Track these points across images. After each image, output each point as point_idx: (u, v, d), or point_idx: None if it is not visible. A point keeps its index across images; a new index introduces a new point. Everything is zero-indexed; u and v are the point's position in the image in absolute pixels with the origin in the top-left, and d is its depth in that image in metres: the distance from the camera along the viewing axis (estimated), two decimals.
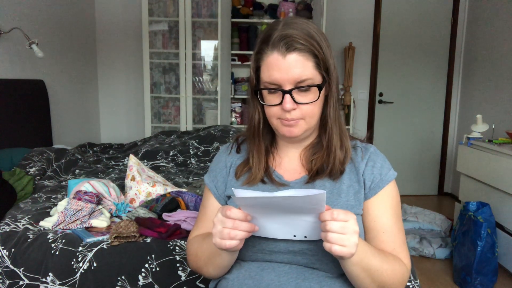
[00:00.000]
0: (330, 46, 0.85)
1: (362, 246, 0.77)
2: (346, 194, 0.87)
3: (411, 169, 4.36)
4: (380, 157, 0.91)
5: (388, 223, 0.86)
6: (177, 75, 3.81)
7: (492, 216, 2.38)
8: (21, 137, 2.75)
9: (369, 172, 0.88)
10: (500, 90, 3.42)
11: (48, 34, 3.25)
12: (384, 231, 0.86)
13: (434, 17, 4.13)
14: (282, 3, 3.93)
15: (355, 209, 0.86)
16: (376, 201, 0.87)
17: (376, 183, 0.87)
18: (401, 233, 0.88)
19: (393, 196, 0.88)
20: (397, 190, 0.90)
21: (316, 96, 0.83)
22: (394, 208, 0.88)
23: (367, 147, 0.92)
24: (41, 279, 1.39)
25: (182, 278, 1.39)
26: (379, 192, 0.87)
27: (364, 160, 0.89)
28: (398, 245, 0.86)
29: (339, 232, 0.69)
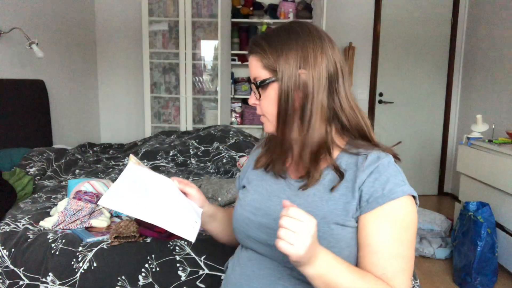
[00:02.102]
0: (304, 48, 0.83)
1: (327, 260, 0.73)
2: (336, 202, 0.82)
3: (411, 169, 4.36)
4: (391, 170, 0.81)
5: (384, 245, 0.77)
6: (177, 75, 3.81)
7: (492, 216, 2.38)
8: (21, 137, 2.75)
9: (370, 184, 0.80)
10: (500, 90, 3.42)
11: (48, 34, 3.25)
12: (376, 252, 0.77)
13: (434, 17, 4.13)
14: (282, 3, 3.93)
15: (340, 219, 0.80)
16: (373, 217, 0.79)
17: (375, 198, 0.78)
18: (402, 260, 0.77)
19: (398, 217, 0.78)
20: (410, 211, 0.79)
21: (265, 93, 0.86)
22: (398, 231, 0.78)
23: (378, 157, 0.82)
24: (41, 279, 1.39)
25: (182, 278, 1.39)
26: (378, 208, 0.78)
27: (366, 171, 0.81)
28: (391, 271, 0.76)
29: (290, 229, 0.68)
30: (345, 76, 0.86)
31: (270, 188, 0.93)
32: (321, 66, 0.83)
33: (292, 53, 0.83)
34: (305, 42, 0.84)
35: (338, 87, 0.84)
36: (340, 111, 0.85)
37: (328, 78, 0.84)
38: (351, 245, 0.80)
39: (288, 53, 0.83)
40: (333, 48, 0.86)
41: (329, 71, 0.84)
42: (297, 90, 0.83)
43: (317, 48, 0.83)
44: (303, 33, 0.85)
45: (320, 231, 0.77)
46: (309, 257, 0.70)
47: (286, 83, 0.83)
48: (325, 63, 0.83)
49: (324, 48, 0.84)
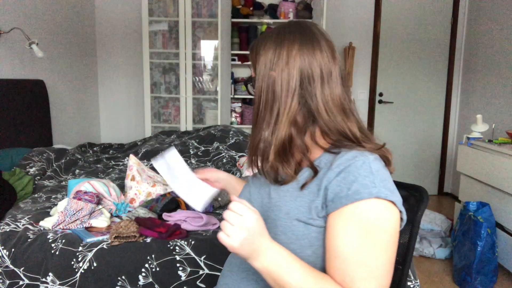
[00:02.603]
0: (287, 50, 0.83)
1: (275, 257, 0.73)
2: (303, 199, 0.80)
3: (411, 169, 4.36)
4: (362, 171, 0.75)
5: (346, 249, 0.73)
6: (177, 75, 3.81)
7: (492, 216, 2.38)
8: (21, 137, 2.75)
9: (336, 184, 0.75)
10: (500, 90, 3.42)
11: (48, 34, 3.25)
12: (337, 256, 0.73)
13: (434, 17, 4.13)
14: (282, 3, 3.93)
15: (303, 216, 0.79)
16: (337, 218, 0.75)
17: (339, 198, 0.74)
18: (365, 268, 0.72)
19: (363, 220, 0.72)
20: (379, 216, 0.73)
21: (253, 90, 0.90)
22: (362, 235, 0.72)
23: (354, 157, 0.77)
24: (41, 279, 1.39)
25: (182, 278, 1.39)
26: (342, 208, 0.74)
27: (335, 169, 0.77)
28: (351, 279, 0.72)
29: (229, 221, 0.72)
30: (326, 79, 0.83)
31: (259, 183, 0.95)
32: (293, 69, 0.82)
33: (269, 53, 0.84)
34: (283, 43, 0.83)
35: (313, 90, 0.82)
36: (316, 114, 0.82)
37: (301, 81, 0.82)
38: (315, 245, 0.78)
39: (265, 55, 0.85)
40: (321, 51, 0.83)
41: (302, 74, 0.82)
42: (267, 90, 0.84)
43: (293, 49, 0.82)
44: (286, 34, 0.85)
45: (282, 226, 0.79)
46: (249, 250, 0.72)
47: (260, 84, 0.85)
48: (298, 66, 0.82)
49: (303, 50, 0.82)
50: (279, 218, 0.81)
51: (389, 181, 0.76)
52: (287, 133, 0.82)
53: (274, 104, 0.83)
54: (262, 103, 0.85)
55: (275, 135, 0.83)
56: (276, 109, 0.83)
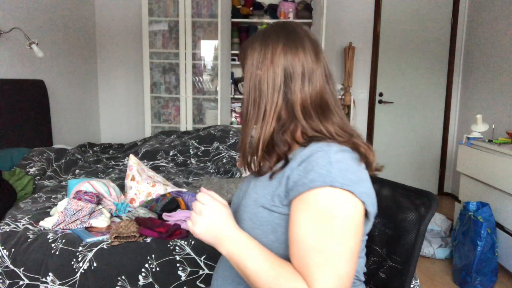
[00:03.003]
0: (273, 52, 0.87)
1: (237, 243, 0.78)
2: (270, 187, 0.84)
3: (411, 169, 4.36)
4: (321, 160, 0.77)
5: (302, 236, 0.75)
6: (177, 75, 3.81)
7: (492, 216, 2.38)
8: (21, 137, 2.75)
9: (297, 173, 0.78)
10: (500, 90, 3.42)
11: (48, 34, 3.25)
12: (295, 242, 0.76)
13: (434, 17, 4.13)
14: (282, 3, 3.93)
15: (267, 202, 0.83)
16: (295, 206, 0.77)
17: (297, 186, 0.77)
18: (320, 255, 0.73)
19: (319, 208, 0.74)
20: (334, 204, 0.74)
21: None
22: (318, 223, 0.74)
23: (320, 148, 0.80)
24: (41, 279, 1.39)
25: (182, 278, 1.39)
26: (299, 196, 0.76)
27: (298, 159, 0.80)
28: (308, 265, 0.73)
29: (195, 211, 0.81)
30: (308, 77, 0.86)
31: (248, 179, 1.00)
32: (277, 67, 0.86)
33: (255, 53, 0.89)
34: (269, 44, 0.88)
35: (294, 89, 0.85)
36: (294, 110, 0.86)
37: (285, 79, 0.86)
38: (278, 231, 0.82)
39: (252, 54, 0.89)
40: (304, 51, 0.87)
41: (286, 72, 0.86)
42: (255, 89, 0.88)
43: (277, 49, 0.86)
44: (271, 34, 0.89)
45: (249, 212, 0.85)
46: (212, 237, 0.79)
47: (248, 82, 0.89)
48: (282, 65, 0.86)
49: (287, 50, 0.86)
50: (248, 205, 0.87)
51: (352, 172, 0.77)
52: (274, 128, 0.87)
53: (261, 101, 0.87)
54: (250, 101, 0.89)
55: (263, 130, 0.87)
56: (263, 106, 0.87)
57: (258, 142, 0.87)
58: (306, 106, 0.86)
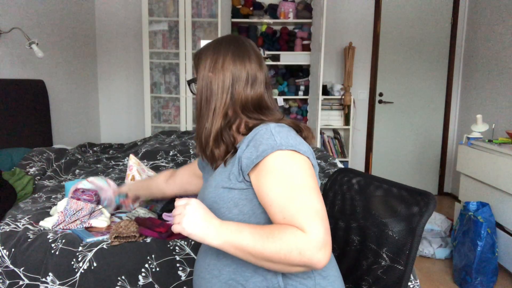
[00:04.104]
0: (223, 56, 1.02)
1: (225, 227, 0.86)
2: (226, 171, 0.97)
3: (411, 169, 4.36)
4: (265, 135, 0.92)
5: (274, 195, 0.87)
6: (177, 75, 3.81)
7: (492, 216, 2.38)
8: (21, 137, 2.75)
9: (248, 151, 0.92)
10: (500, 90, 3.42)
11: (48, 34, 3.25)
12: (270, 202, 0.88)
13: (434, 17, 4.13)
14: (282, 3, 3.93)
15: (225, 183, 0.95)
16: (256, 177, 0.91)
17: (251, 160, 0.91)
18: (297, 202, 0.85)
19: (276, 168, 0.88)
20: (287, 161, 0.89)
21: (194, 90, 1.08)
22: (283, 180, 0.87)
23: (259, 128, 0.95)
24: (41, 279, 1.39)
25: (182, 278, 1.39)
26: (256, 167, 0.90)
27: (245, 141, 0.95)
28: (289, 213, 0.84)
29: (177, 213, 0.88)
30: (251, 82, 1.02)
31: (207, 175, 1.12)
32: (226, 72, 1.01)
33: (208, 58, 1.03)
34: (220, 51, 1.03)
35: (239, 89, 1.00)
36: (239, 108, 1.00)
37: (232, 82, 1.00)
38: (240, 204, 0.95)
39: (205, 59, 1.04)
40: (249, 61, 1.03)
41: (233, 76, 1.00)
42: (206, 88, 1.02)
43: (227, 57, 1.02)
44: (223, 44, 1.04)
45: (212, 196, 0.97)
46: (202, 232, 0.85)
47: (201, 83, 1.03)
48: (230, 70, 1.01)
49: (235, 59, 1.02)
50: (210, 192, 0.98)
51: (291, 137, 0.92)
52: (222, 123, 1.00)
53: (212, 99, 1.01)
54: (203, 99, 1.03)
55: (213, 125, 1.00)
56: (213, 103, 1.01)
57: (209, 134, 1.00)
58: (247, 104, 1.01)
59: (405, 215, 1.02)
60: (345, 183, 1.23)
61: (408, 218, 1.00)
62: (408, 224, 1.00)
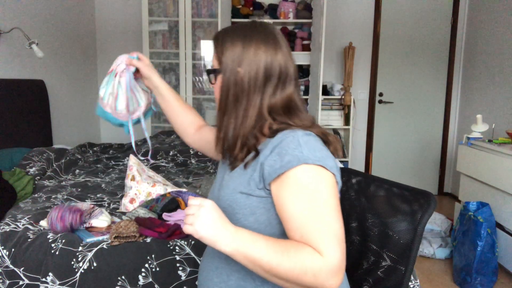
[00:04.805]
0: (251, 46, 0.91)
1: (240, 234, 0.80)
2: (245, 175, 0.90)
3: (411, 169, 4.36)
4: (291, 144, 0.85)
5: (294, 211, 0.82)
6: (177, 75, 3.81)
7: (492, 216, 2.38)
8: (21, 137, 2.75)
9: (272, 158, 0.85)
10: (500, 90, 3.42)
11: (48, 34, 3.25)
12: (289, 217, 0.83)
13: (434, 17, 4.13)
14: (282, 3, 3.93)
15: (244, 188, 0.89)
16: (277, 188, 0.85)
17: (274, 169, 0.84)
18: (317, 221, 0.81)
19: (301, 183, 0.82)
20: (313, 177, 0.83)
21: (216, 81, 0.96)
22: (306, 197, 0.82)
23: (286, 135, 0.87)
24: (41, 279, 1.39)
25: (182, 278, 1.39)
26: (279, 178, 0.84)
27: (270, 146, 0.87)
28: (308, 232, 0.80)
29: (190, 213, 0.82)
30: (282, 79, 0.92)
31: (222, 171, 1.04)
32: (259, 67, 0.90)
33: (236, 50, 0.91)
34: (249, 42, 0.91)
35: (270, 91, 0.91)
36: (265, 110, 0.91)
37: (265, 79, 0.90)
38: (257, 213, 0.89)
39: (232, 50, 0.91)
40: (282, 53, 0.92)
41: (266, 72, 0.90)
42: (235, 85, 0.91)
43: (259, 49, 0.90)
44: (252, 33, 0.92)
45: (228, 200, 0.91)
46: (214, 235, 0.80)
47: (227, 77, 0.92)
48: (263, 64, 0.90)
49: (268, 51, 0.91)
50: (226, 194, 0.92)
51: (318, 151, 0.86)
52: (252, 126, 0.92)
53: (242, 98, 0.91)
54: (230, 96, 0.92)
55: (243, 127, 0.92)
56: (244, 102, 0.91)
57: (237, 138, 0.92)
58: (276, 106, 0.92)
59: (406, 215, 1.01)
60: (345, 183, 1.23)
61: (409, 218, 1.00)
62: (408, 224, 1.00)
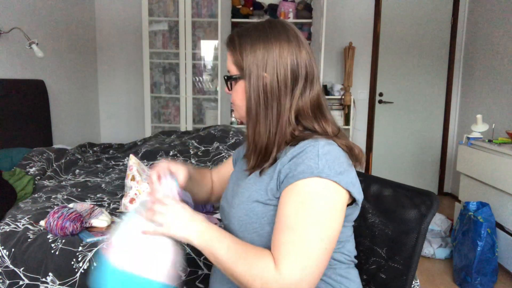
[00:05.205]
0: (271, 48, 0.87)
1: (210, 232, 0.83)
2: (262, 183, 0.88)
3: (411, 169, 4.36)
4: (310, 154, 0.81)
5: (283, 216, 0.80)
6: (177, 75, 3.81)
7: (492, 216, 2.38)
8: (21, 137, 2.75)
9: (288, 167, 0.83)
10: (500, 90, 3.42)
11: (48, 34, 3.25)
12: (279, 221, 0.81)
13: (434, 17, 4.13)
14: (282, 3, 3.93)
15: (261, 197, 0.87)
16: (285, 195, 0.82)
17: (288, 178, 0.82)
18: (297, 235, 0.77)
19: (303, 193, 0.79)
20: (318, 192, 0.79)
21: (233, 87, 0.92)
22: (298, 204, 0.79)
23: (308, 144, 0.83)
24: (41, 279, 1.39)
25: (182, 278, 1.39)
26: (289, 186, 0.81)
27: (289, 155, 0.84)
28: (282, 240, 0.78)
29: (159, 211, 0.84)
30: (309, 78, 0.89)
31: (236, 176, 1.03)
32: (286, 69, 0.86)
33: (258, 54, 0.87)
34: (271, 45, 0.87)
35: (297, 90, 0.87)
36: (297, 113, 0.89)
37: (292, 81, 0.87)
38: (273, 222, 0.85)
39: (253, 54, 0.87)
40: (306, 52, 0.88)
41: (293, 74, 0.87)
42: (263, 91, 0.87)
43: (283, 51, 0.86)
44: (272, 34, 0.88)
45: (244, 208, 0.88)
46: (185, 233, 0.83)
47: (253, 84, 0.87)
48: (289, 66, 0.86)
49: (291, 50, 0.87)
50: (242, 202, 0.89)
51: (338, 164, 0.81)
52: (287, 131, 0.88)
53: (273, 103, 0.87)
54: (260, 103, 0.88)
55: (279, 134, 0.88)
56: (275, 108, 0.87)
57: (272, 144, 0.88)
58: (304, 109, 0.89)
59: (408, 216, 1.01)
60: None
61: (411, 218, 1.00)
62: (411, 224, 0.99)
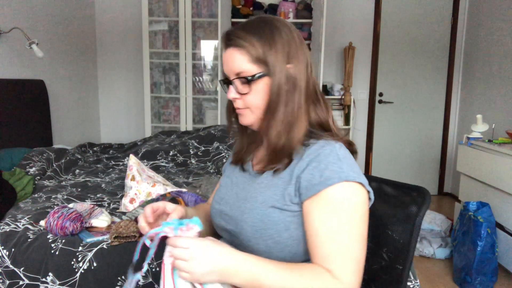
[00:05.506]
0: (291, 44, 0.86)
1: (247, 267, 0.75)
2: (277, 188, 0.85)
3: (411, 169, 4.36)
4: (330, 158, 0.81)
5: (324, 229, 0.78)
6: (177, 75, 3.81)
7: (492, 216, 2.38)
8: (21, 137, 2.75)
9: (309, 172, 0.81)
10: (500, 90, 3.42)
11: (48, 34, 3.25)
12: (317, 234, 0.79)
13: (434, 17, 4.13)
14: (282, 3, 3.93)
15: (277, 202, 0.83)
16: (313, 204, 0.80)
17: (312, 185, 0.80)
18: (342, 244, 0.78)
19: (338, 202, 0.79)
20: (349, 197, 0.79)
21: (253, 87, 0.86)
22: (337, 216, 0.78)
23: (322, 146, 0.83)
24: (41, 279, 1.39)
25: None
26: (316, 194, 0.79)
27: (306, 159, 0.83)
28: (332, 253, 0.77)
29: (181, 258, 0.74)
30: (310, 69, 0.90)
31: (236, 180, 0.99)
32: (304, 60, 0.87)
33: (279, 47, 0.85)
34: (286, 37, 0.86)
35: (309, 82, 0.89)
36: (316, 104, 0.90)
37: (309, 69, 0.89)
38: (291, 228, 0.83)
39: (276, 47, 0.84)
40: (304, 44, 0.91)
41: (307, 66, 0.88)
42: (287, 84, 0.85)
43: (297, 43, 0.87)
44: (283, 28, 0.87)
45: (258, 214, 0.84)
46: (218, 274, 0.73)
47: (278, 77, 0.84)
48: (305, 58, 0.88)
49: (301, 44, 0.89)
50: (255, 208, 0.85)
51: (355, 165, 0.84)
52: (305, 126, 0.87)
53: (294, 96, 0.86)
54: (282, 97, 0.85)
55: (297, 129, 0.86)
56: (297, 101, 0.86)
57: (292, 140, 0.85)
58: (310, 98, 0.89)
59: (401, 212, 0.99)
60: None
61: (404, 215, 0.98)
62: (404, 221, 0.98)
